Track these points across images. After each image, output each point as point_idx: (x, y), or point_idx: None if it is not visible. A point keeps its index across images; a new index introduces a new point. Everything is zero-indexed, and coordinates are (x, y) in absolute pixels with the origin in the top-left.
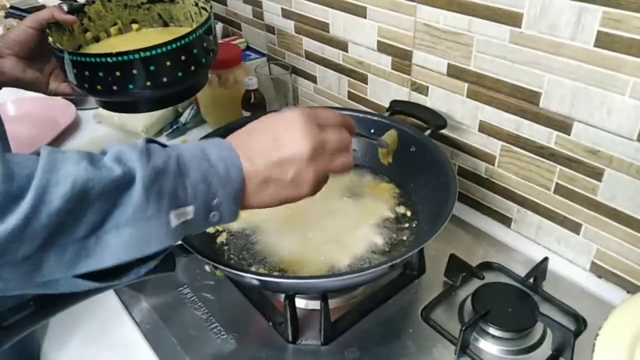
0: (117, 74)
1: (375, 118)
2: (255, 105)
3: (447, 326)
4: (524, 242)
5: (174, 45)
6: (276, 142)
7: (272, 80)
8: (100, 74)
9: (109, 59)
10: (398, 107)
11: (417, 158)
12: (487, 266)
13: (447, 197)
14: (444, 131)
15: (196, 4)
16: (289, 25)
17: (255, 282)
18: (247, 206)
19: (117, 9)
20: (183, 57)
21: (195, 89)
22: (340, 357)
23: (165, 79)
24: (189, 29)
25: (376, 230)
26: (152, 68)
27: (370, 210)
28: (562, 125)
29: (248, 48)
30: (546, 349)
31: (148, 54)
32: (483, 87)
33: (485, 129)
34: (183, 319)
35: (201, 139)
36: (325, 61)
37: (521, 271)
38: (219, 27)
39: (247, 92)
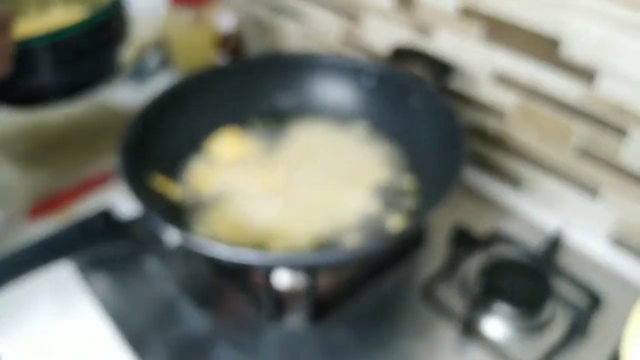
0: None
1: (371, 66)
2: (232, 49)
3: (450, 304)
4: (535, 208)
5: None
6: None
7: (253, 20)
8: None
9: None
10: (400, 55)
11: (419, 112)
12: (494, 236)
13: (455, 157)
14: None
15: None
16: None
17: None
18: None
19: None
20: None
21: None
22: (329, 338)
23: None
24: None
25: (370, 195)
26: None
27: (364, 171)
28: (586, 76)
29: None
30: (558, 327)
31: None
32: (497, 32)
33: (497, 80)
34: (144, 293)
35: (169, 90)
36: None
37: (531, 240)
38: None
39: (224, 33)
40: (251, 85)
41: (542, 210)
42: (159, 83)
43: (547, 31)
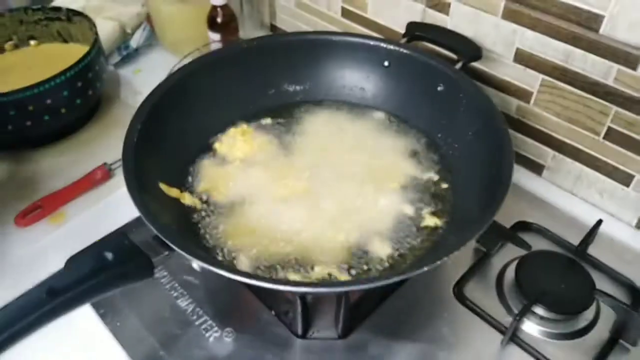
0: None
1: (391, 47)
2: (224, 25)
3: (486, 306)
4: (558, 193)
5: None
6: None
7: None
8: None
9: None
10: (418, 32)
11: (446, 100)
12: (524, 227)
13: (495, 154)
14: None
15: (90, 29)
16: None
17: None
18: None
19: (11, 24)
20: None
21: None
22: (363, 353)
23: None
24: (86, 47)
25: (402, 196)
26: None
27: (389, 168)
28: (628, 58)
29: None
30: (602, 329)
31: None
32: (526, 6)
33: (524, 59)
34: (161, 311)
35: (169, 84)
36: None
37: (559, 229)
38: None
39: (214, 7)
40: (258, 72)
41: (564, 193)
42: (145, 62)
43: (590, 5)
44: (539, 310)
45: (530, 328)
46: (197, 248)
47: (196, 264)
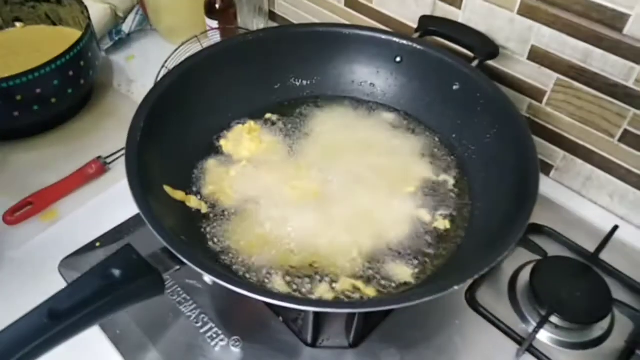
0: None
1: (404, 42)
2: (222, 11)
3: (499, 313)
4: (567, 195)
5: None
6: None
7: None
8: None
9: None
10: (432, 27)
11: (462, 99)
12: (536, 230)
13: (517, 160)
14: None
15: (82, 12)
16: None
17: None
18: None
19: None
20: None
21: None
22: (370, 357)
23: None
24: (77, 32)
25: (417, 200)
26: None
27: (405, 172)
28: None
29: None
30: (617, 339)
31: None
32: (544, 2)
33: (539, 56)
34: (165, 320)
35: (173, 79)
36: None
37: (569, 232)
38: None
39: None
40: (264, 65)
41: (573, 194)
42: (139, 49)
43: (616, 3)
44: (554, 319)
45: (544, 337)
46: (214, 263)
47: (209, 279)
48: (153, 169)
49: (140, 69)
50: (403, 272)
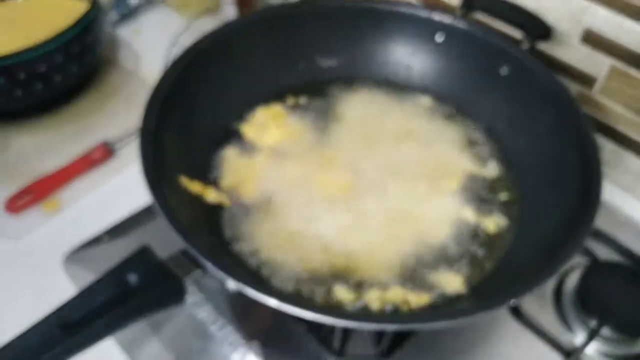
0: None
1: (447, 20)
2: None
3: (544, 322)
4: (613, 192)
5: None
6: None
7: None
8: None
9: None
10: (478, 4)
11: (510, 85)
12: None
13: (575, 160)
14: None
15: None
16: None
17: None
18: None
19: None
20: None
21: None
22: None
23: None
24: (80, 3)
25: (461, 197)
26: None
27: (446, 164)
28: None
29: None
30: None
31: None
32: None
33: (592, 40)
34: (176, 321)
35: (188, 55)
36: None
37: (615, 232)
38: None
39: None
40: (287, 43)
41: (620, 192)
42: (146, 22)
43: None
44: (604, 330)
45: (591, 348)
46: (244, 270)
47: (233, 284)
48: (166, 157)
49: (148, 44)
50: (451, 280)
